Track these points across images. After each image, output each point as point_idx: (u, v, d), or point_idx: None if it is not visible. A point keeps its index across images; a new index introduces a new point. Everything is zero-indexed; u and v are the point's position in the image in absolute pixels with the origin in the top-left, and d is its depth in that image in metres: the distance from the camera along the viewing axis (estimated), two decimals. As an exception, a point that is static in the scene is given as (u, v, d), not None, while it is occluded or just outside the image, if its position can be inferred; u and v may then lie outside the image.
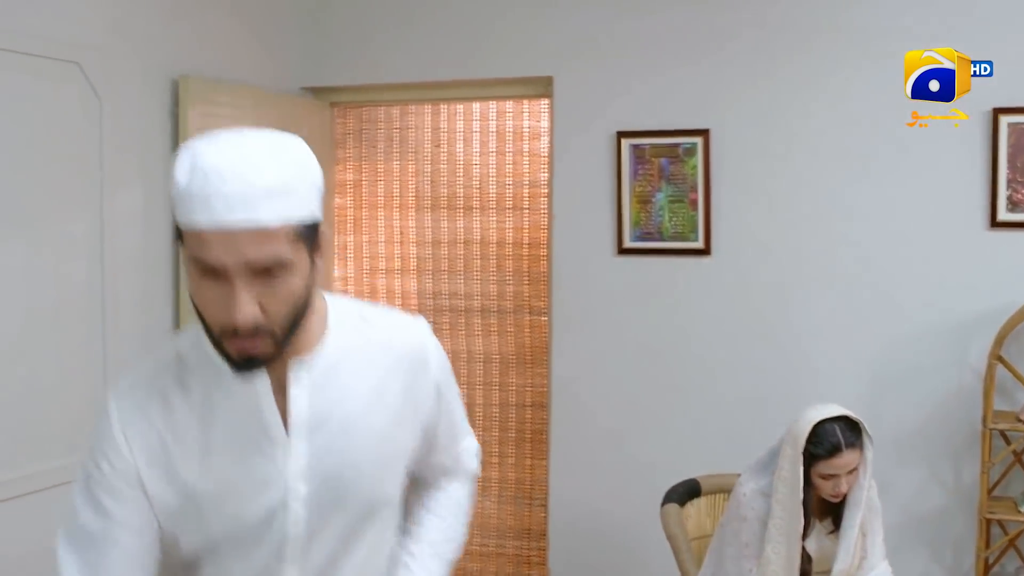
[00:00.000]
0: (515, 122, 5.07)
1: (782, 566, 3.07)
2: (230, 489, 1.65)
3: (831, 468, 3.04)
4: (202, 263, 1.49)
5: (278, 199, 1.49)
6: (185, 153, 1.52)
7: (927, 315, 4.16)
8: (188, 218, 1.48)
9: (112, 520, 1.64)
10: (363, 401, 1.71)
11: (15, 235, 3.39)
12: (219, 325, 1.53)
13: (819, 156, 4.25)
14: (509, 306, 5.14)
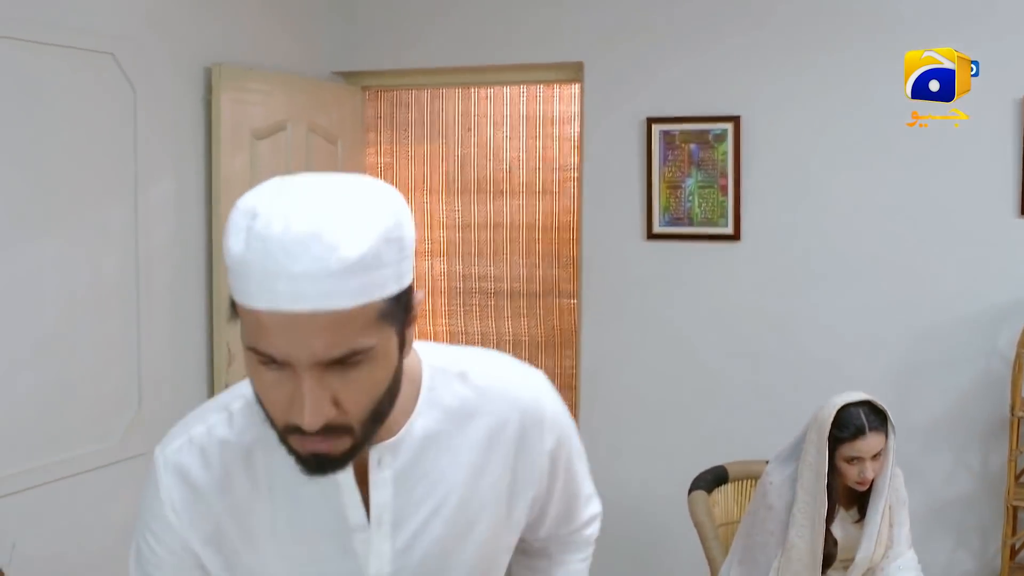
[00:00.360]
0: (545, 107, 5.09)
1: (806, 551, 3.09)
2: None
3: (855, 451, 3.05)
4: (262, 353, 1.20)
5: (360, 277, 1.17)
6: (241, 212, 1.20)
7: (956, 303, 4.15)
8: (245, 298, 1.19)
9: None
10: (459, 486, 1.41)
11: (52, 227, 3.45)
12: (284, 420, 1.24)
13: (849, 143, 4.24)
14: (539, 289, 5.17)
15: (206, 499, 1.37)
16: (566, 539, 1.71)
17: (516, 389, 1.47)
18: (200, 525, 1.38)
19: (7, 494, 3.28)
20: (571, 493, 1.62)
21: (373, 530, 1.38)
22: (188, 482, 1.38)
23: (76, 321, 3.54)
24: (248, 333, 1.20)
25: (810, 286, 4.34)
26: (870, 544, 3.14)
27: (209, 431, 1.39)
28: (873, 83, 4.19)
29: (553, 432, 1.49)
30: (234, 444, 1.38)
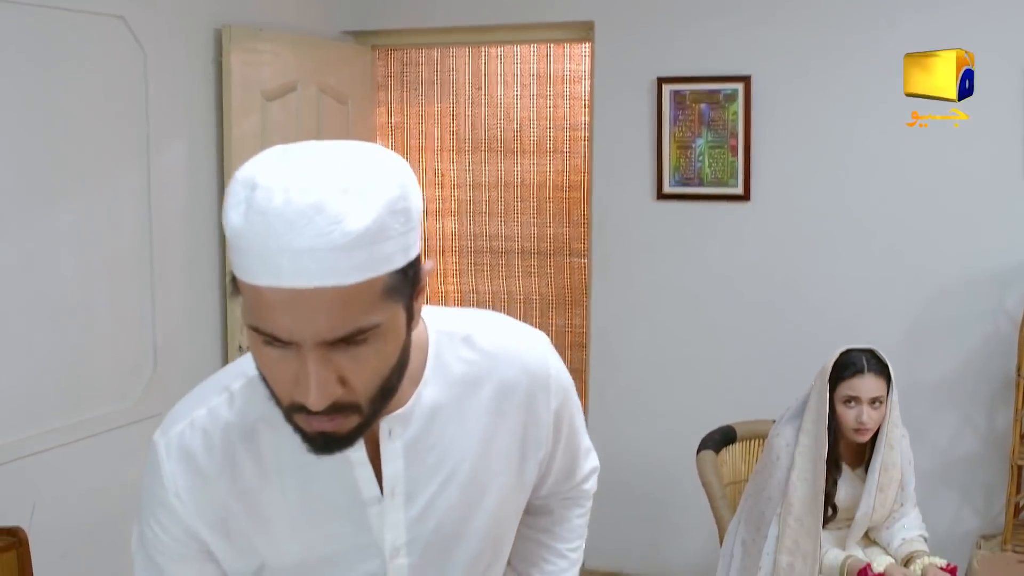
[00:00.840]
0: (556, 65, 5.08)
1: (808, 495, 3.16)
2: (317, 564, 1.37)
3: (852, 389, 3.14)
4: (264, 333, 1.15)
5: (365, 250, 1.12)
6: (240, 184, 1.15)
7: (964, 264, 4.17)
8: (246, 274, 1.14)
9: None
10: (469, 450, 1.40)
11: (67, 192, 3.48)
12: (289, 399, 1.20)
13: (860, 104, 4.24)
14: (549, 248, 5.19)
15: (212, 483, 1.33)
16: (566, 495, 1.70)
17: (522, 352, 1.46)
18: (207, 511, 1.34)
19: (27, 455, 3.33)
20: (572, 450, 1.62)
21: (387, 502, 1.35)
22: (192, 467, 1.33)
23: (93, 285, 3.57)
24: (250, 311, 1.16)
25: (819, 246, 4.36)
26: (869, 500, 3.20)
27: (210, 413, 1.35)
28: (885, 44, 4.18)
29: (558, 392, 1.49)
30: (237, 425, 1.34)
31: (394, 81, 5.32)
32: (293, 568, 1.37)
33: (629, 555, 4.74)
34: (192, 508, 1.34)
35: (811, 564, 3.12)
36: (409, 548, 1.38)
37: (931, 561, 3.14)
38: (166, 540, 1.36)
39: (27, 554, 2.94)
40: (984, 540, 4.07)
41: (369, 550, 1.37)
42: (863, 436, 3.18)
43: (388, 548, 1.37)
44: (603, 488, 4.84)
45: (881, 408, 3.17)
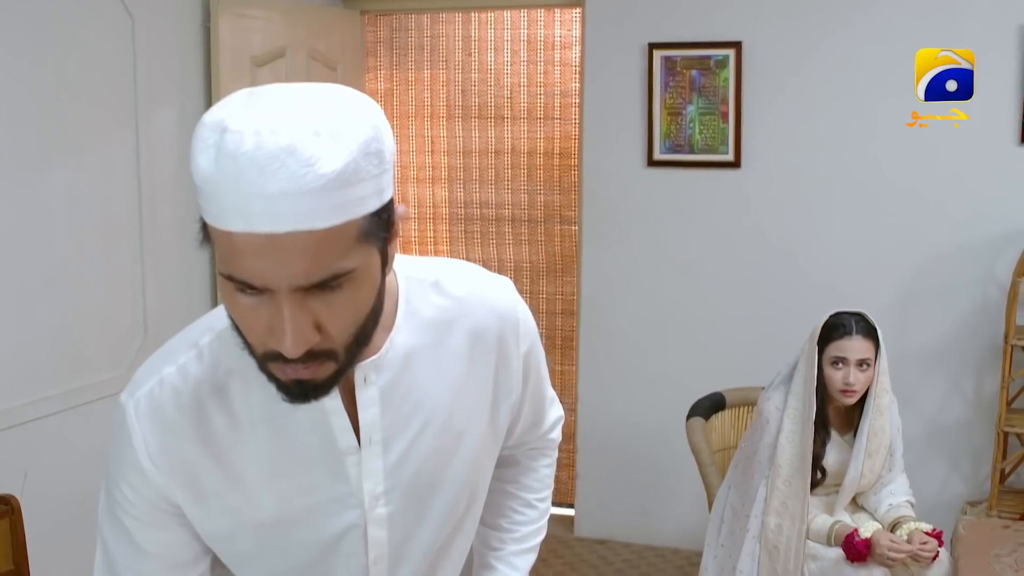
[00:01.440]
0: (547, 31, 5.06)
1: (795, 456, 3.20)
2: (294, 517, 1.35)
3: (840, 350, 3.19)
4: (238, 280, 1.13)
5: (339, 194, 1.10)
6: (208, 128, 1.11)
7: (955, 231, 4.19)
8: (217, 220, 1.11)
9: (153, 556, 1.36)
10: (444, 395, 1.39)
11: (57, 159, 3.46)
12: (263, 347, 1.18)
13: (851, 71, 4.24)
14: (540, 215, 5.18)
15: (183, 442, 1.31)
16: (533, 445, 1.71)
17: (491, 296, 1.46)
18: (179, 470, 1.31)
19: (18, 424, 3.33)
20: (539, 398, 1.62)
21: (364, 451, 1.34)
22: (163, 426, 1.30)
23: (84, 251, 3.57)
24: (222, 259, 1.13)
25: (810, 213, 4.37)
26: (857, 465, 3.23)
27: (180, 370, 1.32)
28: (875, 10, 4.17)
29: (526, 335, 1.50)
30: (207, 380, 1.31)
31: (384, 47, 5.29)
32: (269, 525, 1.35)
33: (619, 522, 4.78)
34: (164, 469, 1.31)
35: (799, 525, 3.15)
36: (388, 497, 1.37)
37: (917, 526, 3.17)
38: (137, 504, 1.33)
39: (20, 522, 2.94)
40: (970, 506, 4.11)
41: (347, 500, 1.36)
42: (850, 398, 3.22)
43: (367, 497, 1.36)
44: (593, 455, 4.91)
45: (869, 371, 3.21)
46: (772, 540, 3.18)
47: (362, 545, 1.38)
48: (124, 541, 1.36)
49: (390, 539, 1.40)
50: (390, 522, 1.39)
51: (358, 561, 1.39)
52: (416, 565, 1.45)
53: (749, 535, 3.23)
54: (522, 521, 1.70)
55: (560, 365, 5.26)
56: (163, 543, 1.36)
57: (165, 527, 1.35)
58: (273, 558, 1.38)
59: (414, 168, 5.34)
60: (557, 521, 5.06)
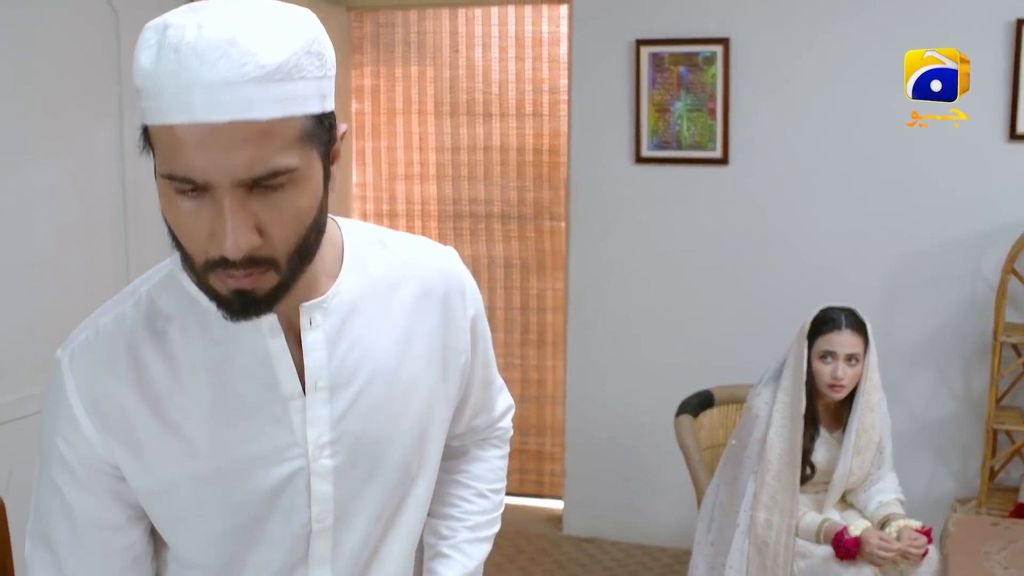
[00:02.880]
0: (534, 27, 5.04)
1: (785, 451, 3.19)
2: (234, 467, 1.30)
3: (829, 344, 3.20)
4: (179, 178, 1.12)
5: (281, 86, 1.10)
6: (151, 29, 1.12)
7: (943, 226, 4.18)
8: (159, 115, 1.10)
9: (83, 517, 1.32)
10: (392, 348, 1.37)
11: (40, 153, 3.44)
12: (203, 256, 1.16)
13: (838, 67, 4.23)
14: (529, 212, 5.17)
15: (118, 393, 1.27)
16: (484, 435, 1.69)
17: (438, 259, 1.47)
18: (114, 421, 1.27)
19: (1, 423, 3.31)
20: (488, 375, 1.61)
21: (309, 396, 1.30)
22: (96, 376, 1.28)
23: (66, 247, 3.54)
24: (163, 158, 1.12)
25: (797, 209, 4.36)
26: (846, 462, 3.23)
27: (116, 319, 1.30)
28: (863, 6, 4.16)
29: (473, 300, 1.50)
30: (144, 328, 1.29)
31: (370, 43, 5.26)
32: (209, 477, 1.30)
33: (607, 520, 4.77)
34: (98, 420, 1.27)
35: (788, 520, 3.14)
36: (334, 448, 1.33)
37: (906, 523, 3.16)
38: (70, 460, 1.29)
39: (4, 520, 2.91)
40: (959, 503, 4.10)
41: (291, 450, 1.31)
42: (838, 392, 3.22)
43: (311, 446, 1.31)
44: (581, 452, 4.89)
45: (857, 367, 3.21)
46: (761, 535, 3.17)
47: (304, 499, 1.33)
48: (58, 502, 1.32)
49: (336, 495, 1.34)
50: (336, 475, 1.33)
51: (300, 518, 1.34)
52: (363, 533, 1.39)
53: (738, 530, 3.22)
54: (474, 511, 1.65)
55: (551, 360, 5.25)
56: (91, 504, 1.31)
57: (96, 488, 1.30)
58: (211, 516, 1.31)
59: (402, 165, 5.31)
60: (545, 519, 5.05)
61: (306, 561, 1.37)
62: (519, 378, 5.31)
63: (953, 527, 3.43)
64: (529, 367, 5.31)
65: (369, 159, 5.33)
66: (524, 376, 5.32)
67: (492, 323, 5.24)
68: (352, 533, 1.38)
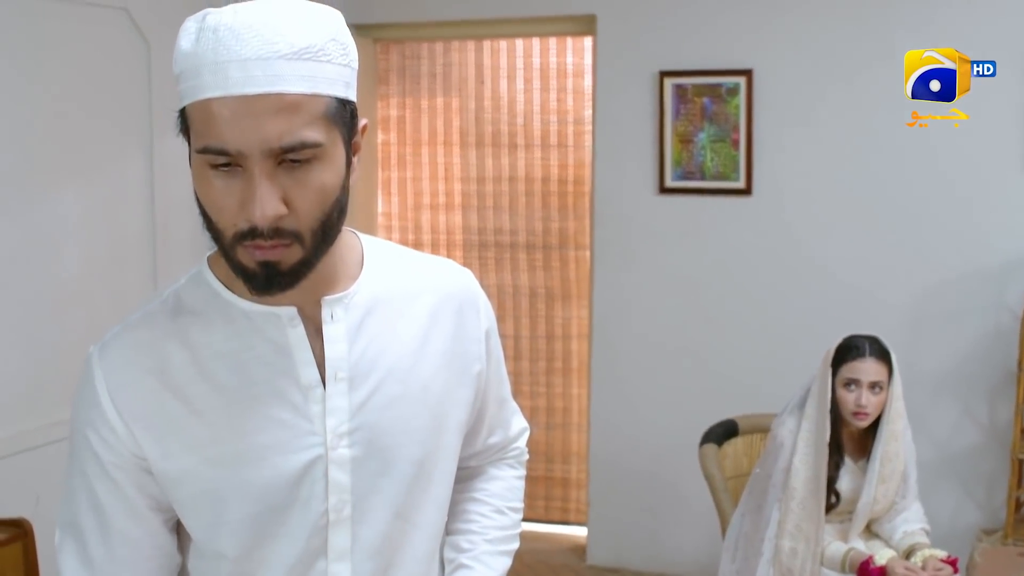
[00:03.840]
0: (559, 59, 5.08)
1: (810, 477, 3.19)
2: (254, 454, 1.34)
3: (853, 372, 3.20)
4: (213, 150, 1.21)
5: (308, 65, 1.22)
6: (191, 20, 1.24)
7: (966, 256, 4.18)
8: (196, 91, 1.21)
9: (110, 505, 1.37)
10: (409, 346, 1.43)
11: (71, 182, 3.50)
12: (233, 228, 1.24)
13: (861, 97, 4.24)
14: (554, 242, 5.19)
15: (142, 377, 1.34)
16: (500, 454, 1.72)
17: (452, 274, 1.54)
18: (138, 407, 1.33)
19: (30, 448, 3.35)
20: (502, 396, 1.65)
21: (329, 386, 1.36)
22: (121, 363, 1.34)
23: (95, 275, 3.59)
24: (199, 133, 1.23)
25: (821, 241, 4.37)
26: (871, 490, 3.22)
27: (144, 315, 1.38)
28: (887, 38, 4.18)
29: (487, 316, 1.56)
30: (169, 322, 1.36)
31: (396, 74, 5.32)
32: (229, 462, 1.34)
33: (631, 549, 4.76)
34: (125, 409, 1.33)
35: (813, 548, 3.14)
36: (351, 438, 1.37)
37: (931, 553, 3.15)
38: (99, 450, 1.35)
39: (32, 546, 2.95)
40: (985, 534, 4.08)
41: (309, 438, 1.36)
42: (862, 420, 3.22)
43: (330, 435, 1.36)
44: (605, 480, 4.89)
45: (881, 394, 3.21)
46: (787, 564, 3.17)
47: (322, 488, 1.37)
48: (83, 486, 1.37)
49: (353, 486, 1.38)
50: (353, 465, 1.38)
51: (318, 507, 1.37)
52: (381, 528, 1.42)
53: (763, 559, 3.21)
54: (492, 525, 1.66)
55: (576, 389, 5.26)
56: (117, 493, 1.36)
57: (122, 477, 1.35)
58: (231, 502, 1.35)
59: (427, 195, 5.35)
60: (569, 548, 5.05)
61: (325, 554, 1.39)
62: (544, 406, 5.33)
63: (979, 557, 3.42)
64: (555, 395, 5.33)
65: (395, 189, 5.38)
66: (549, 404, 5.33)
67: (517, 351, 5.30)
68: (370, 527, 1.41)
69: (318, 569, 1.40)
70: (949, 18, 4.06)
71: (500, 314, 5.25)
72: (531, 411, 5.32)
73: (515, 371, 5.30)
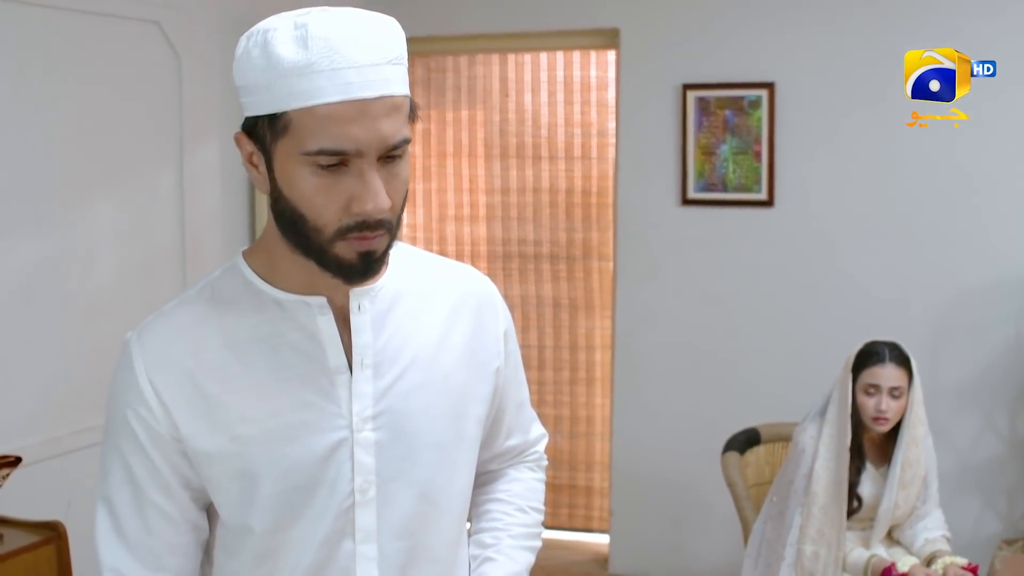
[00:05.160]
0: (582, 72, 5.13)
1: (832, 482, 3.23)
2: (282, 432, 1.40)
3: (874, 377, 3.24)
4: (330, 151, 1.28)
5: (401, 68, 1.33)
6: (279, 28, 1.29)
7: (987, 267, 4.20)
8: (309, 96, 1.27)
9: (146, 484, 1.42)
10: (431, 339, 1.50)
11: (103, 194, 3.56)
12: (337, 224, 1.32)
13: (883, 110, 4.27)
14: (578, 253, 5.24)
15: (180, 361, 1.40)
16: (520, 457, 1.76)
17: (471, 276, 1.61)
18: (176, 388, 1.39)
19: (63, 453, 3.41)
20: (520, 399, 1.71)
21: (355, 372, 1.43)
22: (160, 348, 1.41)
23: (127, 284, 3.65)
24: (310, 135, 1.28)
25: (843, 252, 4.40)
26: (891, 496, 3.25)
27: (180, 303, 1.45)
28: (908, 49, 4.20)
29: (505, 316, 1.62)
30: (205, 308, 1.43)
31: (421, 87, 5.38)
32: (260, 440, 1.40)
33: (653, 558, 4.78)
34: (163, 388, 1.39)
35: (835, 552, 3.17)
36: (376, 422, 1.43)
37: (952, 560, 3.17)
38: (137, 429, 1.41)
39: (66, 548, 3.00)
40: (1006, 544, 4.09)
41: (336, 420, 1.42)
42: (882, 425, 3.25)
43: (355, 418, 1.42)
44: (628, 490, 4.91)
45: (902, 400, 3.24)
46: (808, 568, 3.19)
47: (348, 469, 1.42)
48: (118, 463, 1.43)
49: (378, 468, 1.44)
50: (378, 449, 1.43)
51: (344, 488, 1.42)
52: (405, 512, 1.47)
53: (784, 563, 3.24)
54: (515, 523, 1.70)
55: (599, 399, 5.30)
56: (151, 470, 1.42)
57: (156, 455, 1.41)
58: (261, 478, 1.40)
59: (452, 206, 5.41)
60: (591, 558, 5.07)
61: (352, 534, 1.44)
62: (568, 415, 5.36)
63: (1000, 565, 3.43)
64: (578, 404, 5.36)
65: (420, 201, 5.43)
66: (573, 413, 5.37)
67: (541, 361, 5.34)
68: (395, 509, 1.46)
69: (345, 549, 1.44)
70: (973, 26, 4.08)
71: (524, 325, 5.29)
72: (555, 420, 5.36)
73: (539, 380, 5.34)
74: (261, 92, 1.30)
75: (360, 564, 1.45)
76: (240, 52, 1.34)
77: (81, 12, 3.45)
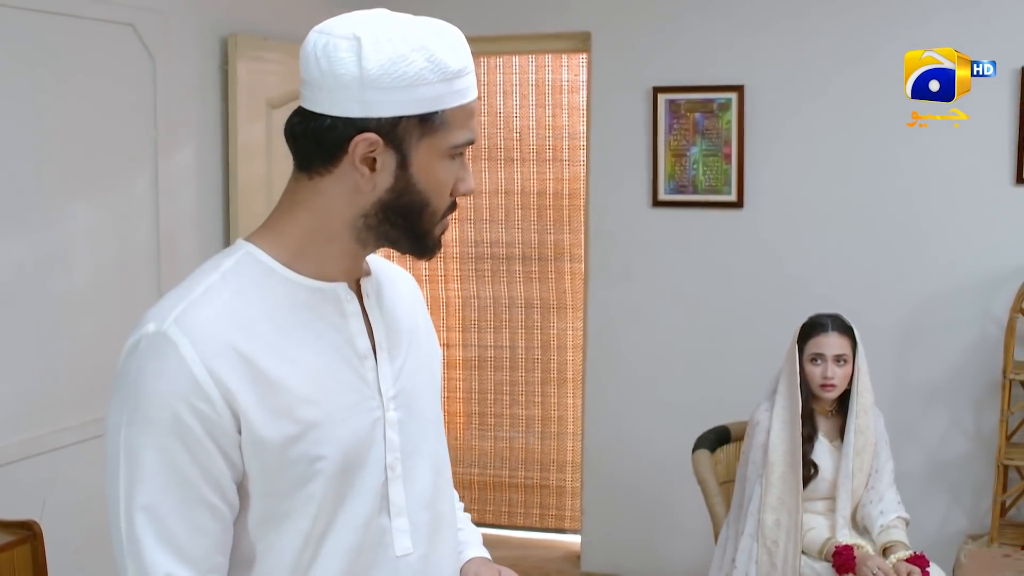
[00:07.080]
0: (554, 75, 5.18)
1: (787, 450, 3.36)
2: (336, 414, 1.44)
3: (818, 347, 3.41)
4: (470, 141, 1.47)
5: None
6: (429, 34, 1.42)
7: (953, 269, 4.27)
8: (464, 95, 1.45)
9: (198, 481, 1.36)
10: (409, 323, 1.61)
11: (77, 196, 3.56)
12: (446, 203, 1.48)
13: (851, 112, 4.34)
14: (549, 254, 5.28)
15: (235, 348, 1.36)
16: None
17: (399, 270, 1.72)
18: (236, 372, 1.36)
19: (38, 453, 3.41)
20: None
21: (379, 355, 1.51)
22: (213, 333, 1.36)
23: (103, 285, 3.65)
24: (457, 130, 1.44)
25: (811, 252, 4.46)
26: (848, 463, 3.38)
27: (208, 290, 1.41)
28: (876, 55, 4.28)
29: (424, 307, 1.76)
30: (239, 297, 1.40)
31: (396, 90, 5.39)
32: (321, 422, 1.41)
33: (625, 556, 4.83)
34: (223, 373, 1.35)
35: (796, 517, 3.30)
36: (396, 402, 1.52)
37: (898, 557, 3.26)
38: (191, 421, 1.34)
39: (41, 547, 3.01)
40: (972, 539, 4.16)
41: (371, 401, 1.49)
42: (830, 392, 3.41)
43: (384, 398, 1.50)
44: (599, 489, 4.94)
45: (847, 367, 3.41)
46: (771, 536, 3.29)
47: (382, 448, 1.49)
48: (159, 466, 1.35)
49: (401, 445, 1.52)
50: (400, 427, 1.52)
51: (379, 466, 1.49)
52: (425, 484, 1.56)
53: (746, 534, 3.33)
54: (460, 516, 1.78)
55: (571, 399, 5.34)
56: (199, 465, 1.36)
57: (211, 448, 1.36)
58: (318, 465, 1.41)
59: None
60: (563, 556, 5.11)
61: (388, 510, 1.50)
62: (540, 415, 5.41)
63: (965, 558, 3.51)
64: (549, 404, 5.41)
65: (393, 203, 5.45)
66: (544, 413, 5.41)
67: (513, 362, 5.38)
68: (417, 483, 1.54)
69: (382, 525, 1.50)
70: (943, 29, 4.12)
71: (497, 325, 5.33)
72: (526, 420, 5.41)
73: (511, 381, 5.38)
74: (420, 93, 1.40)
75: (397, 538, 1.51)
76: (388, 61, 1.38)
77: (55, 14, 3.45)
